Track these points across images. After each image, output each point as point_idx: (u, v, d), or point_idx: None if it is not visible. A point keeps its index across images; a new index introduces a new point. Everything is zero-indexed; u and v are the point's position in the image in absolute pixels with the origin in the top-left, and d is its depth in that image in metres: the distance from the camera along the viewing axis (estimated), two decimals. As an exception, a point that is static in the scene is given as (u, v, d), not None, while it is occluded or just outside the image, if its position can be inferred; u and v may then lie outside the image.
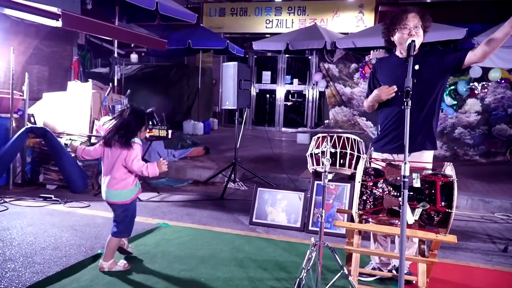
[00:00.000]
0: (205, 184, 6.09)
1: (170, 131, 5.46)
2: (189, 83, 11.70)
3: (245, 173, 6.16)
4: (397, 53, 2.88)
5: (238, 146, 5.94)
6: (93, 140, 5.54)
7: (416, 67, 2.72)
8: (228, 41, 10.23)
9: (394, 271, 3.00)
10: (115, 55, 7.46)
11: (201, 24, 11.95)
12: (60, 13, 4.82)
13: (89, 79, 6.09)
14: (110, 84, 6.42)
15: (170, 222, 4.22)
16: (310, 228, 4.12)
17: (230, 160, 6.08)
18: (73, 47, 8.35)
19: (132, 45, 10.09)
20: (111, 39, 7.44)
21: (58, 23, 4.88)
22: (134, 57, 11.06)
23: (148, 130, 5.21)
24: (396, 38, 2.79)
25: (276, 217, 4.29)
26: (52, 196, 4.83)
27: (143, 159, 3.10)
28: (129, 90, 6.39)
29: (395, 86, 2.74)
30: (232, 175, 5.84)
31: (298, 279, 2.54)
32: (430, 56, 2.79)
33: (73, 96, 5.85)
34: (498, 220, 4.93)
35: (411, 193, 2.46)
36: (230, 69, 5.74)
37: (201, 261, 3.23)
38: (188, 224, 4.21)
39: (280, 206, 4.32)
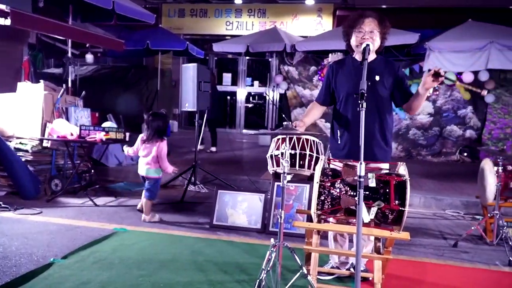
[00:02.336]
0: (165, 187, 5.98)
1: (128, 134, 5.33)
2: (148, 84, 11.48)
3: (206, 176, 6.11)
4: (355, 56, 2.93)
5: (198, 148, 5.88)
6: (45, 143, 5.31)
7: (377, 77, 2.79)
8: (188, 42, 10.12)
9: (351, 269, 3.07)
10: (69, 55, 7.21)
11: (160, 25, 11.76)
12: (9, 11, 4.60)
13: (40, 80, 5.83)
14: (64, 85, 6.18)
15: (128, 227, 4.12)
16: (270, 229, 4.15)
17: (190, 163, 6.02)
18: (24, 46, 7.99)
19: (87, 45, 9.78)
20: (64, 38, 7.18)
21: (7, 22, 4.67)
22: (89, 57, 10.72)
23: (105, 133, 5.08)
24: (352, 41, 2.85)
25: (236, 219, 4.28)
26: (1, 203, 4.58)
27: (100, 162, 3.24)
28: (84, 92, 6.19)
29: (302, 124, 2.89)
30: (193, 178, 5.78)
31: (258, 280, 2.54)
32: (387, 68, 2.85)
33: (23, 97, 5.58)
34: (449, 217, 5.17)
35: (367, 192, 2.53)
36: (189, 71, 5.68)
37: (160, 266, 3.16)
38: (147, 229, 4.12)
39: (241, 208, 4.32)
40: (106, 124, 5.50)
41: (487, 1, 10.10)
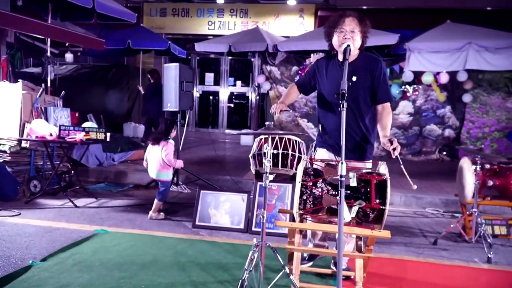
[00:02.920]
0: (147, 188, 5.92)
1: (108, 134, 5.26)
2: (129, 84, 11.35)
3: (188, 176, 6.08)
4: (338, 55, 2.95)
5: (180, 148, 5.84)
6: (23, 144, 5.20)
7: (356, 77, 2.82)
8: (169, 42, 10.04)
9: (333, 267, 3.10)
10: (48, 54, 7.06)
11: (142, 24, 11.63)
12: (-15, 9, 4.49)
13: (19, 80, 5.70)
14: (43, 84, 6.05)
15: (109, 228, 4.06)
16: (253, 229, 4.15)
17: (172, 163, 5.96)
18: (2, 45, 7.80)
19: (66, 44, 9.60)
20: (43, 37, 7.04)
21: (-17, 20, 4.54)
22: (69, 56, 10.53)
23: (85, 134, 5.00)
24: (334, 41, 2.87)
25: (219, 219, 4.27)
26: (-23, 205, 4.47)
27: (80, 163, 3.18)
28: (63, 92, 6.08)
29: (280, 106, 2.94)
30: (175, 178, 5.73)
31: (240, 281, 2.54)
32: (368, 66, 2.88)
33: (1, 97, 5.44)
34: (428, 215, 5.25)
35: (348, 191, 2.55)
36: (171, 71, 5.64)
37: (141, 267, 3.13)
38: (128, 230, 4.08)
39: (224, 208, 4.31)
40: (86, 124, 5.41)
41: (466, 3, 10.32)
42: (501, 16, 9.96)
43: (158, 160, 4.46)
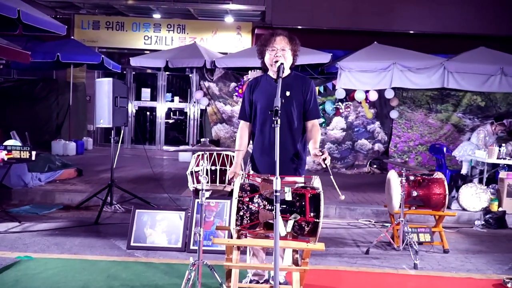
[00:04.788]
0: (78, 209, 5.61)
1: (34, 152, 4.94)
2: (59, 99, 10.79)
3: (124, 195, 5.85)
4: (270, 73, 3.03)
5: (115, 166, 5.62)
6: None
7: (289, 93, 2.91)
8: (103, 56, 9.71)
9: (271, 281, 3.11)
10: (-34, 66, 6.52)
11: (73, 37, 11.17)
12: None
13: None
14: (-41, 99, 5.57)
15: (34, 254, 3.78)
16: (191, 247, 4.06)
17: (106, 182, 5.72)
18: None
19: (-13, 56, 8.94)
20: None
21: None
22: (-10, 70, 9.81)
23: (7, 153, 4.66)
24: (266, 58, 2.95)
25: (156, 239, 4.14)
26: None
27: (2, 184, 2.90)
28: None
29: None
30: (109, 198, 5.49)
31: (177, 302, 2.47)
32: (299, 84, 2.98)
33: None
34: (361, 226, 5.48)
35: (284, 206, 2.60)
36: (104, 86, 5.44)
37: (70, 294, 2.94)
38: (56, 255, 3.82)
39: (160, 227, 4.19)
40: (9, 142, 5.04)
41: (391, 26, 11.11)
42: (423, 39, 10.84)
43: None
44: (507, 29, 10.84)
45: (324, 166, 2.68)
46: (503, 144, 6.43)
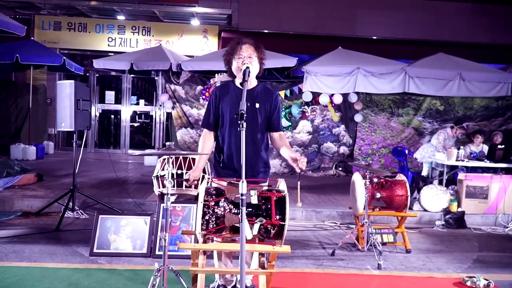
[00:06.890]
0: (38, 215, 5.40)
1: (-10, 157, 4.72)
2: (18, 102, 10.38)
3: (86, 200, 5.68)
4: (236, 81, 3.02)
5: (77, 171, 5.45)
6: None
7: (257, 105, 2.92)
8: (65, 57, 9.41)
9: (238, 286, 3.11)
10: None
11: (32, 38, 10.77)
12: None
13: None
14: None
15: (-10, 263, 3.61)
16: (157, 252, 3.99)
17: (68, 187, 5.54)
18: None
19: None
20: None
21: None
22: None
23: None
24: (233, 67, 2.95)
25: (120, 244, 4.04)
26: None
27: None
28: None
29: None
30: (70, 203, 5.32)
31: (141, 309, 2.42)
32: (266, 96, 3.01)
33: None
34: (327, 228, 5.57)
35: (250, 209, 2.60)
36: (65, 88, 5.28)
37: (29, 305, 2.83)
38: (15, 263, 3.66)
39: (125, 232, 4.10)
40: (-38, 147, 4.79)
41: (355, 31, 11.39)
42: (385, 44, 11.17)
43: None
44: (464, 36, 11.35)
45: (299, 171, 2.71)
46: (462, 147, 6.71)
